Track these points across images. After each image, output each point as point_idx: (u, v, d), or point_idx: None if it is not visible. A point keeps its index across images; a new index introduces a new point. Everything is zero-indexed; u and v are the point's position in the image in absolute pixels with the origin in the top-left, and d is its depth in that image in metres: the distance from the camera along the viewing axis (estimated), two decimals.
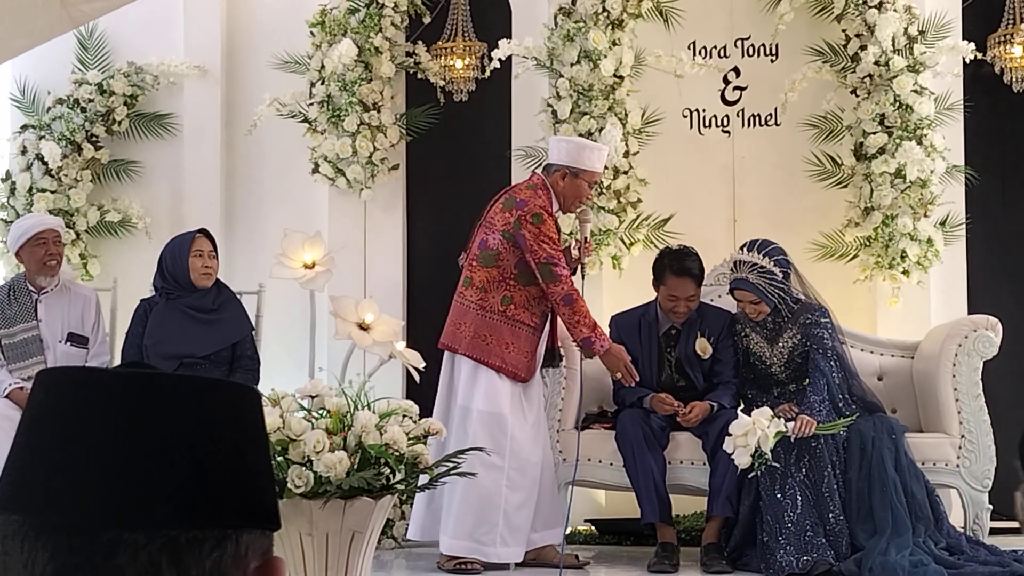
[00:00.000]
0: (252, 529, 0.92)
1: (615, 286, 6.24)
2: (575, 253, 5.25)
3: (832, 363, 5.32)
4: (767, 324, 5.47)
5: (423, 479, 3.88)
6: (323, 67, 6.46)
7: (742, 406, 5.36)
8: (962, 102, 6.31)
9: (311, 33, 6.55)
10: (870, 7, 6.11)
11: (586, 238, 5.32)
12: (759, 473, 5.04)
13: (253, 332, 5.78)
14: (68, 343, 5.67)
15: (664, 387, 5.53)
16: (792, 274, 5.46)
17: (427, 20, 6.64)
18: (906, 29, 6.13)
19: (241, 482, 0.92)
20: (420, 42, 6.66)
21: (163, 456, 0.88)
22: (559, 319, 5.20)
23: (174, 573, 0.87)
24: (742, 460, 4.99)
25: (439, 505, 5.19)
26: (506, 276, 5.11)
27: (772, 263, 5.36)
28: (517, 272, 5.11)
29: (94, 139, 6.77)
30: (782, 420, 5.05)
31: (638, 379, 5.28)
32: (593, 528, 6.09)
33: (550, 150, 5.36)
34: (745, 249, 5.43)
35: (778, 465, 5.01)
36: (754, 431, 4.95)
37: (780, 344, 5.45)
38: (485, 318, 5.11)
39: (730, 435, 5.02)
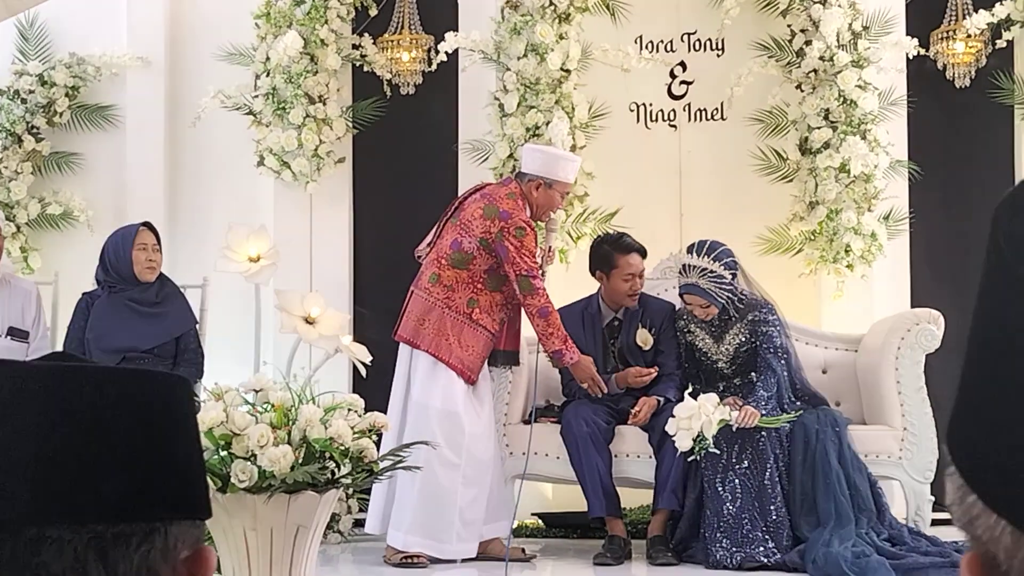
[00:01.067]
0: (181, 520, 0.91)
1: (561, 280, 6.24)
2: (539, 260, 5.27)
3: (781, 361, 5.37)
4: (713, 321, 5.49)
5: (390, 475, 3.87)
6: (268, 59, 6.41)
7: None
8: (905, 97, 6.37)
9: (256, 25, 6.50)
10: (815, 2, 6.15)
11: (551, 247, 5.36)
12: (699, 458, 5.08)
13: (197, 326, 5.73)
14: (8, 337, 5.60)
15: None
16: (739, 273, 5.49)
17: (373, 12, 6.60)
18: (850, 25, 6.17)
19: (170, 473, 0.90)
20: (366, 34, 6.62)
21: (88, 450, 0.86)
22: (531, 327, 5.24)
23: (101, 569, 0.86)
24: (683, 443, 5.04)
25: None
26: (475, 279, 5.14)
27: (720, 266, 5.39)
28: (487, 277, 5.15)
29: (35, 131, 6.68)
30: (727, 409, 5.09)
31: (606, 391, 5.33)
32: (540, 521, 6.10)
33: (524, 158, 5.35)
34: (693, 252, 5.42)
35: (718, 451, 5.05)
36: (699, 415, 5.00)
37: (727, 340, 5.48)
38: (450, 317, 5.13)
39: (674, 417, 5.06)
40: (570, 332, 5.42)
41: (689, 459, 5.13)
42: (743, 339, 5.45)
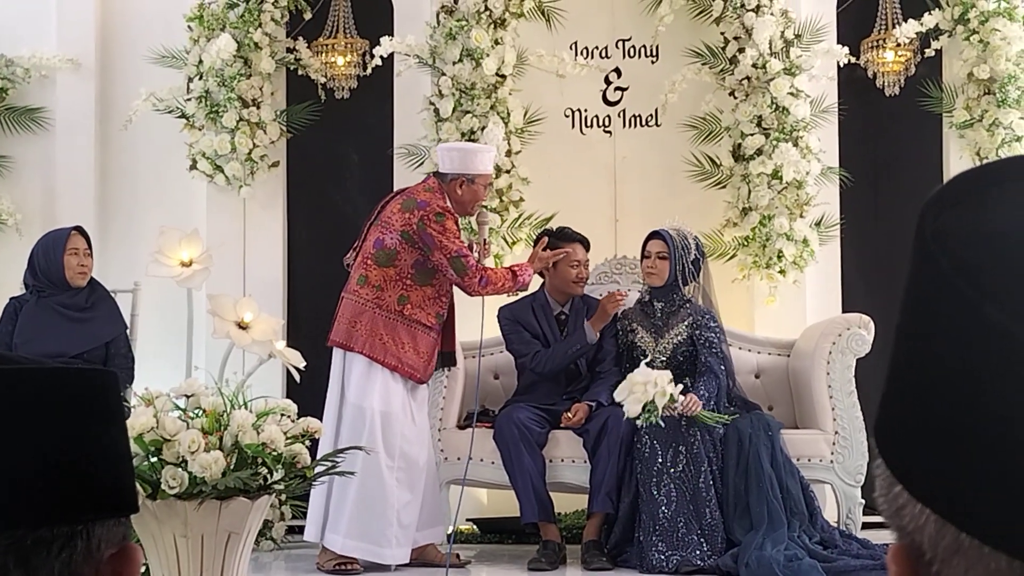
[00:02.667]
0: (106, 519, 0.89)
1: None
2: (475, 255, 5.27)
3: (722, 367, 5.42)
4: (655, 315, 5.53)
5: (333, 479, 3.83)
6: (201, 62, 6.36)
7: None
8: (836, 105, 6.44)
9: (189, 27, 6.44)
10: (748, 10, 6.21)
11: (485, 240, 5.36)
12: (644, 425, 5.12)
13: (127, 331, 5.66)
14: None
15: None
16: (701, 272, 5.55)
17: (308, 16, 6.57)
18: (782, 33, 6.24)
19: (93, 473, 0.88)
20: (301, 38, 6.58)
21: (5, 452, 0.84)
22: (456, 315, 5.26)
23: (22, 574, 0.83)
24: (632, 409, 5.08)
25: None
26: (403, 275, 5.12)
27: (692, 242, 5.53)
28: (414, 272, 5.12)
29: None
30: (679, 388, 5.12)
31: (564, 252, 5.45)
32: (475, 527, 6.09)
33: (440, 160, 5.34)
34: (678, 220, 5.63)
35: (663, 424, 5.09)
36: (654, 383, 5.04)
37: (666, 339, 5.51)
38: (382, 317, 5.10)
39: (625, 382, 5.12)
40: (525, 321, 5.47)
41: (636, 421, 5.17)
42: (682, 339, 5.49)
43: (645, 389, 5.05)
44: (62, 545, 0.85)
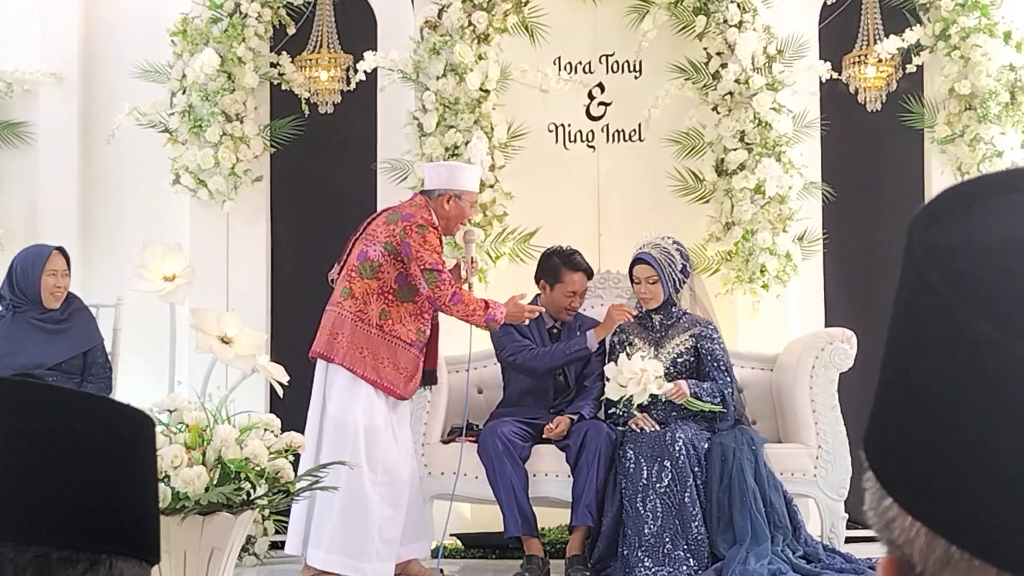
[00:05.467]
0: (128, 558, 0.88)
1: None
2: (463, 273, 5.27)
3: (727, 378, 5.45)
4: (654, 328, 5.54)
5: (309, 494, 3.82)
6: (184, 76, 6.35)
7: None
8: (819, 120, 6.47)
9: (172, 42, 6.43)
10: (730, 26, 6.24)
11: (472, 257, 5.36)
12: (620, 412, 5.25)
13: (103, 341, 5.65)
14: None
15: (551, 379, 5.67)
16: (688, 280, 5.57)
17: (291, 31, 6.57)
18: (765, 48, 6.27)
19: (125, 509, 0.88)
20: (284, 53, 6.59)
21: (48, 470, 0.84)
22: (439, 332, 5.25)
23: None
24: (612, 394, 5.18)
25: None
26: (385, 289, 5.11)
27: (676, 252, 5.51)
28: (397, 287, 5.11)
29: None
30: (668, 386, 5.21)
31: (537, 311, 5.37)
32: (458, 542, 6.07)
33: (427, 177, 5.35)
34: (653, 233, 5.59)
35: (637, 414, 5.22)
36: (637, 380, 5.11)
37: (667, 349, 5.51)
38: (362, 330, 5.08)
39: (615, 364, 5.23)
40: (518, 327, 5.49)
41: (609, 411, 5.29)
42: (684, 348, 5.50)
43: (626, 383, 5.14)
44: (85, 569, 0.85)
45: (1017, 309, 0.59)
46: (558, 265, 5.61)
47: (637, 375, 5.16)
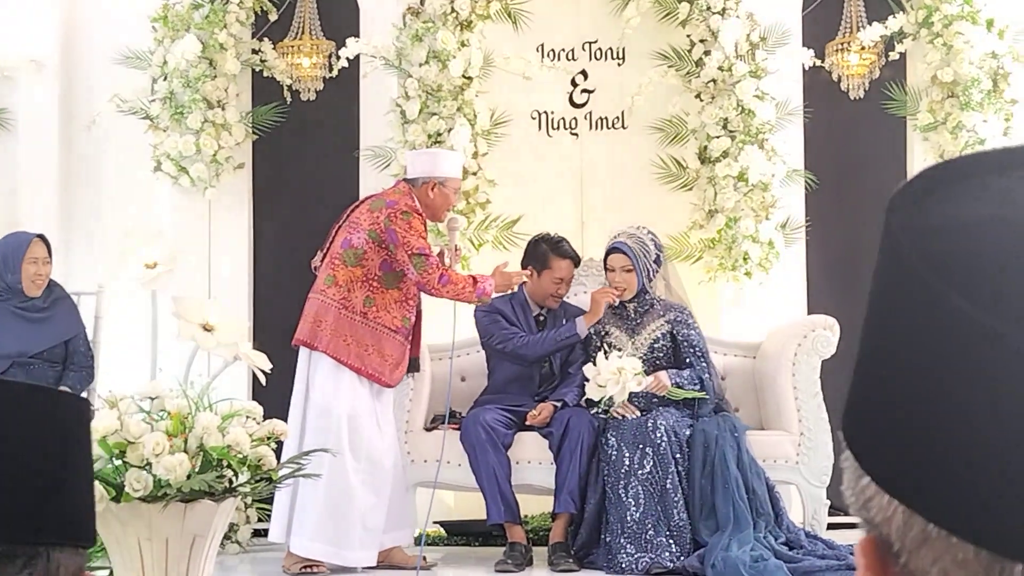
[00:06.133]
0: (66, 547, 0.88)
1: None
2: (447, 261, 5.27)
3: (703, 363, 5.46)
4: (628, 316, 5.55)
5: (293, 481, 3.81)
6: (166, 63, 6.32)
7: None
8: (802, 108, 6.48)
9: (153, 28, 6.40)
10: (713, 13, 6.23)
11: (456, 245, 5.36)
12: (599, 412, 5.31)
13: (85, 329, 5.63)
14: None
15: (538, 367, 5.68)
16: (662, 268, 5.58)
17: (273, 17, 6.54)
18: (748, 36, 6.27)
19: (63, 499, 0.87)
20: (266, 39, 6.56)
21: None
22: (423, 320, 5.24)
23: None
24: (592, 393, 5.24)
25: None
26: (370, 276, 5.10)
27: (651, 242, 5.53)
28: (381, 274, 5.11)
29: None
30: (646, 381, 5.26)
31: (523, 277, 5.39)
32: (441, 529, 6.08)
33: (409, 165, 5.34)
34: (628, 223, 5.65)
35: (619, 417, 5.27)
36: (616, 381, 5.15)
37: (643, 336, 5.53)
38: (347, 318, 5.08)
39: (594, 364, 5.26)
40: (504, 314, 5.54)
41: (592, 410, 5.33)
42: (661, 335, 5.51)
43: (607, 385, 5.15)
44: (24, 563, 0.84)
45: (994, 286, 0.59)
46: (546, 252, 5.61)
47: (615, 375, 5.17)
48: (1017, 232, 0.61)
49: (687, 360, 5.48)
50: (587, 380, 5.29)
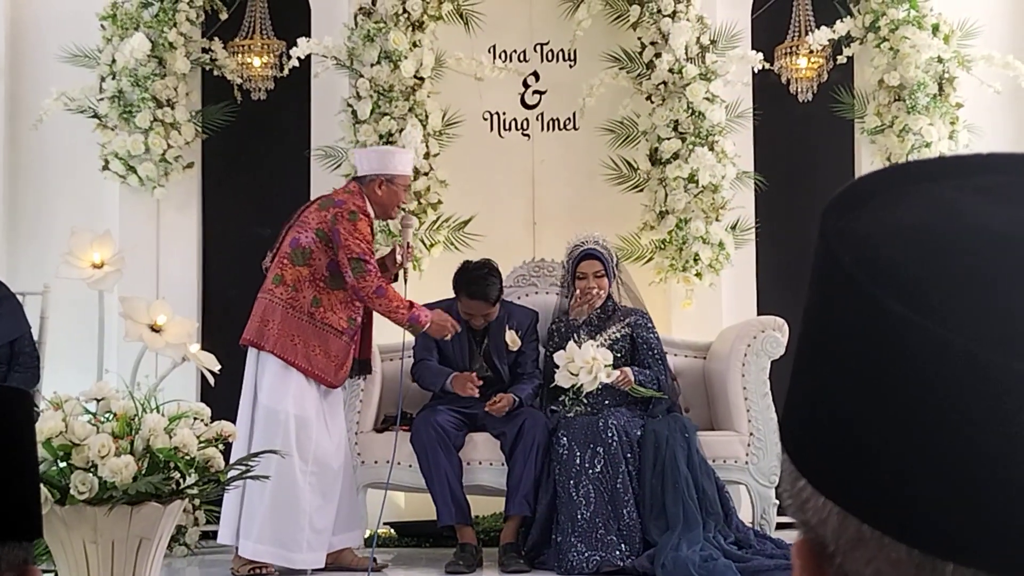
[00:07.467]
0: (9, 541, 0.86)
1: (416, 287, 6.22)
2: (398, 258, 5.24)
3: (660, 365, 5.52)
4: (590, 320, 5.59)
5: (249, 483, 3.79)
6: (114, 61, 6.26)
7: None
8: (751, 110, 6.52)
9: (102, 26, 6.34)
10: (664, 16, 6.26)
11: (408, 243, 5.33)
12: (567, 404, 5.39)
13: (30, 329, 5.56)
14: None
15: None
16: (618, 272, 5.70)
17: (224, 16, 6.49)
18: (698, 38, 6.30)
19: (8, 496, 0.86)
20: (217, 38, 6.51)
21: None
22: (374, 321, 5.22)
23: None
24: (563, 381, 5.31)
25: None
26: (316, 276, 5.08)
27: (612, 250, 5.72)
28: (328, 274, 5.08)
29: None
30: (615, 374, 5.34)
31: (459, 328, 5.30)
32: (391, 530, 6.06)
33: (358, 163, 5.32)
34: (585, 231, 5.72)
35: (585, 404, 5.37)
36: (589, 370, 5.24)
37: (604, 337, 5.56)
38: (293, 318, 5.05)
39: (564, 351, 5.34)
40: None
41: (559, 398, 5.42)
42: (620, 335, 5.57)
43: (578, 371, 5.25)
44: None
45: (928, 289, 0.60)
46: (460, 287, 5.55)
47: (588, 363, 5.23)
48: (950, 239, 0.62)
49: (646, 362, 5.54)
50: (557, 368, 5.33)
